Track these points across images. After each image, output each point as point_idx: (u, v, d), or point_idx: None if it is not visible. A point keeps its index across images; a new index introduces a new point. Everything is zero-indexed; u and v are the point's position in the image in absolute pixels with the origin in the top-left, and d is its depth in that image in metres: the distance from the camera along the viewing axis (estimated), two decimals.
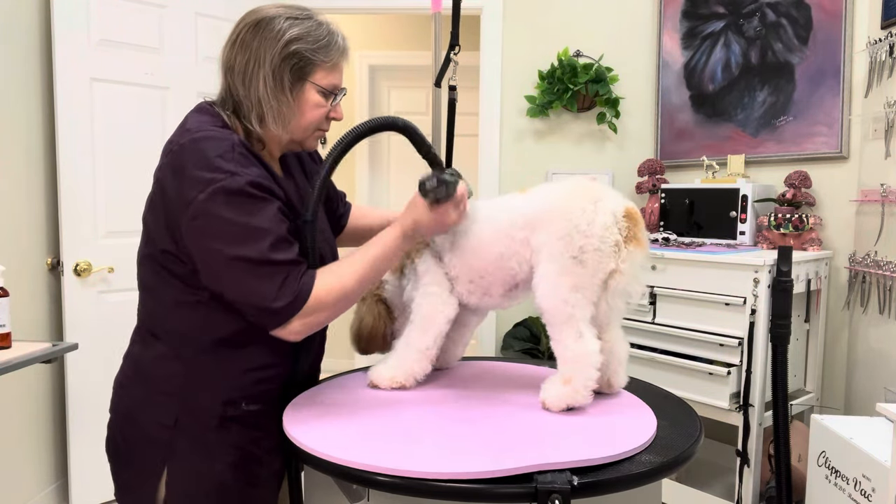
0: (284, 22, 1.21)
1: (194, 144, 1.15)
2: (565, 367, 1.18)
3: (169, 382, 1.21)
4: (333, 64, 1.25)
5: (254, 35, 1.21)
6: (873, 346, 2.39)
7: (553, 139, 3.38)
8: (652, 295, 2.54)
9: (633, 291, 1.21)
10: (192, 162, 1.13)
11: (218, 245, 1.12)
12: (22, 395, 2.52)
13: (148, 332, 1.26)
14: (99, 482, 2.68)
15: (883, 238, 2.33)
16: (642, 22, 3.27)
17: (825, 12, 2.61)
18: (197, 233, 1.14)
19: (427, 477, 0.94)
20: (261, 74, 1.20)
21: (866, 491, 1.67)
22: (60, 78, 2.53)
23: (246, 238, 1.12)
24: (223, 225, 1.12)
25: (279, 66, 1.20)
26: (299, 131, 1.27)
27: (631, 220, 1.19)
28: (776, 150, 2.79)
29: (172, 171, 1.16)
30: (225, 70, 1.24)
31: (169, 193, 1.17)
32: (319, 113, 1.26)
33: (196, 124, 1.21)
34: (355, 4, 3.48)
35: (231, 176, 1.12)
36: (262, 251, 1.12)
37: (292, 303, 1.13)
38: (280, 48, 1.20)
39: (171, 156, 1.18)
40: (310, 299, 1.14)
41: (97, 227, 2.65)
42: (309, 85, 1.23)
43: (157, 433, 1.21)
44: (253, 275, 1.12)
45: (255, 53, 1.20)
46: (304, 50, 1.21)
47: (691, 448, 1.08)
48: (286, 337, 1.17)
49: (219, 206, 1.11)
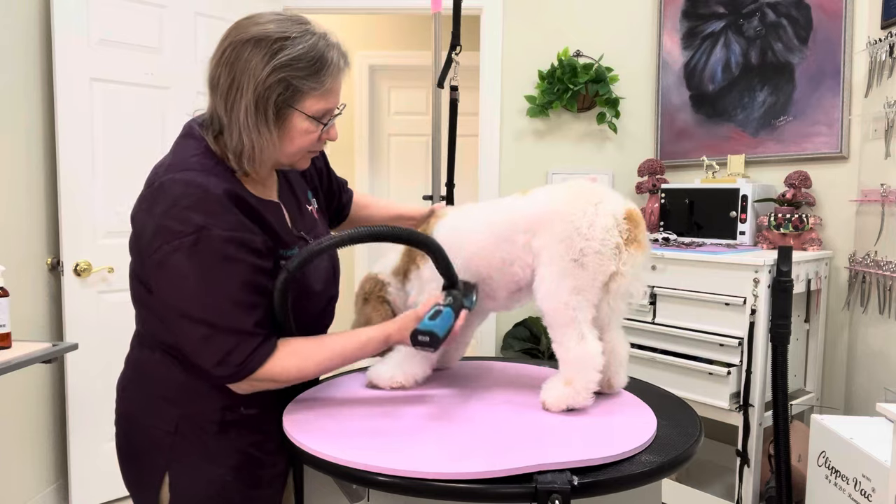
0: (274, 44, 1.12)
1: (171, 187, 1.10)
2: (567, 368, 1.18)
3: (169, 388, 1.21)
4: (327, 89, 1.17)
5: (238, 55, 1.12)
6: (873, 346, 2.39)
7: (553, 139, 3.38)
8: (652, 295, 2.54)
9: (634, 293, 1.21)
10: (165, 208, 1.09)
11: (173, 298, 1.10)
12: (22, 395, 2.52)
13: (146, 339, 1.25)
14: (99, 482, 2.68)
15: (883, 238, 2.33)
16: (642, 22, 3.27)
17: (825, 12, 2.61)
18: (156, 279, 1.12)
19: (427, 477, 0.94)
20: (242, 103, 1.12)
21: (866, 491, 1.67)
22: (60, 78, 2.53)
23: (202, 299, 1.09)
24: (182, 281, 1.08)
25: (262, 95, 1.12)
26: (285, 157, 1.21)
27: (632, 222, 1.19)
28: (776, 150, 2.79)
29: (147, 209, 1.12)
30: (210, 86, 1.17)
31: (138, 229, 1.14)
32: (308, 139, 1.20)
33: (180, 157, 1.16)
34: (355, 4, 3.48)
35: (199, 231, 1.07)
36: (216, 316, 1.09)
37: (232, 375, 1.11)
38: (265, 76, 1.11)
39: (149, 190, 1.13)
40: (258, 372, 1.12)
41: (97, 227, 2.65)
42: (296, 113, 1.16)
43: (159, 437, 1.20)
44: (200, 336, 1.09)
45: (239, 78, 1.12)
46: (292, 78, 1.12)
47: (691, 448, 1.08)
48: (231, 386, 1.16)
49: (182, 261, 1.07)
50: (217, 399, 1.20)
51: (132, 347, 1.30)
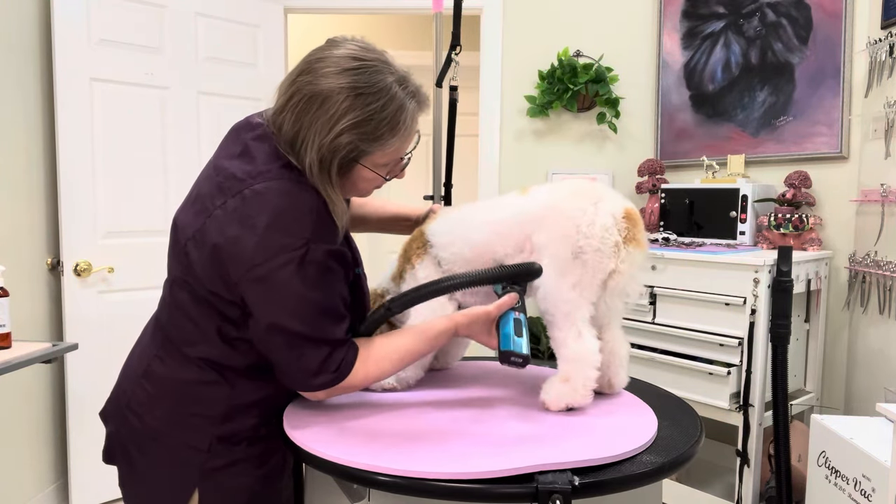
0: (344, 101, 1.05)
1: (271, 197, 1.05)
2: (565, 366, 1.18)
3: (209, 406, 1.17)
4: (398, 143, 1.12)
5: (306, 109, 1.07)
6: (873, 346, 2.39)
7: (553, 139, 3.38)
8: (652, 295, 2.54)
9: (631, 292, 1.22)
10: (268, 219, 1.04)
11: (276, 314, 1.07)
12: (22, 395, 2.52)
13: (179, 352, 1.19)
14: (99, 482, 2.68)
15: (883, 238, 2.33)
16: (642, 22, 3.27)
17: (825, 12, 2.62)
18: (256, 294, 1.07)
19: (427, 477, 0.94)
20: (306, 154, 1.07)
21: (866, 491, 1.67)
22: (60, 78, 2.53)
23: (307, 313, 1.07)
24: (288, 297, 1.06)
25: (328, 153, 1.07)
26: (347, 194, 1.20)
27: (630, 221, 1.20)
28: (776, 150, 2.79)
29: (240, 219, 1.06)
30: (275, 124, 1.12)
31: (229, 242, 1.06)
32: (374, 183, 1.18)
33: (265, 163, 1.10)
34: (355, 4, 3.48)
35: (307, 244, 1.05)
36: (316, 328, 1.08)
37: (329, 382, 1.11)
38: (332, 137, 1.06)
39: (241, 200, 1.07)
40: (344, 381, 1.12)
41: (97, 227, 2.65)
42: (361, 167, 1.12)
43: (189, 455, 1.17)
44: (302, 348, 1.09)
45: (305, 133, 1.07)
46: (363, 139, 1.08)
47: (691, 448, 1.08)
48: (306, 396, 1.17)
49: (289, 277, 1.04)
50: (255, 416, 1.20)
51: (153, 359, 1.21)
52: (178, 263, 1.18)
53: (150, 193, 2.78)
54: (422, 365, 1.33)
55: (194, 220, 1.13)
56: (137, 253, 2.75)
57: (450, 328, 1.19)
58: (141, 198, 2.77)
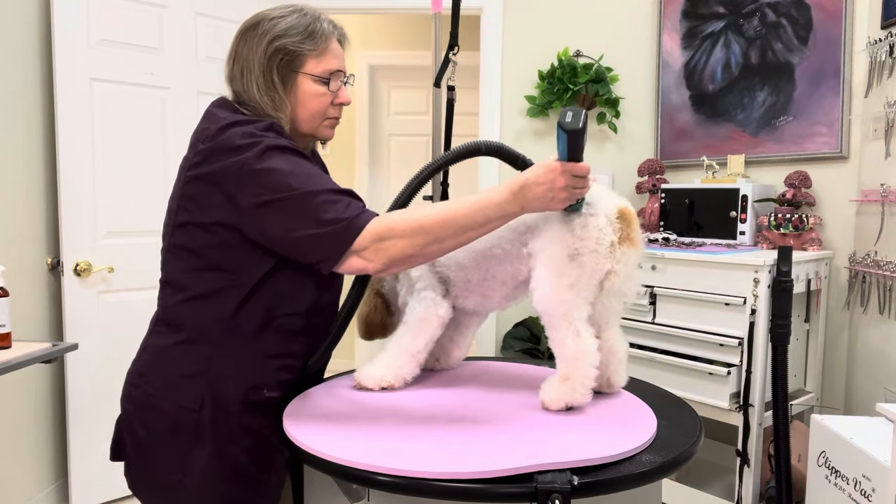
0: (268, 22, 1.25)
1: (233, 125, 1.18)
2: (564, 365, 1.18)
3: (195, 365, 1.22)
4: (322, 50, 1.27)
5: (242, 43, 1.26)
6: (873, 346, 2.39)
7: (553, 139, 3.38)
8: (652, 295, 2.54)
9: (627, 291, 1.22)
10: (235, 136, 1.17)
11: (279, 190, 1.14)
12: (22, 395, 2.52)
13: (168, 322, 1.27)
14: (99, 482, 2.68)
15: (883, 238, 2.33)
16: (642, 22, 3.27)
17: (825, 12, 2.61)
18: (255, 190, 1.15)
19: (427, 477, 0.94)
20: (252, 79, 1.25)
21: (866, 491, 1.67)
22: (60, 78, 2.53)
23: (307, 178, 1.15)
24: (280, 175, 1.14)
25: (266, 66, 1.24)
26: (305, 123, 1.30)
27: (624, 221, 1.20)
28: (776, 150, 2.79)
29: (213, 150, 1.18)
30: (229, 82, 1.29)
31: (215, 170, 1.17)
32: (321, 101, 1.29)
33: (225, 113, 1.24)
34: (355, 4, 3.48)
35: (276, 137, 1.18)
36: (325, 184, 1.16)
37: (360, 215, 1.13)
38: (264, 48, 1.24)
39: (208, 140, 1.19)
40: (377, 222, 1.13)
41: (97, 227, 2.65)
42: (301, 76, 1.27)
43: (184, 417, 1.21)
44: (320, 205, 1.13)
45: (246, 60, 1.25)
46: (289, 44, 1.24)
47: (691, 448, 1.08)
48: (364, 268, 1.15)
49: (273, 159, 1.15)
50: (245, 378, 1.23)
51: (149, 334, 1.31)
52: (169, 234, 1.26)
53: (150, 193, 2.78)
54: (417, 361, 1.32)
55: (177, 183, 1.25)
56: (137, 253, 2.75)
57: (501, 186, 1.15)
58: (141, 198, 2.77)
